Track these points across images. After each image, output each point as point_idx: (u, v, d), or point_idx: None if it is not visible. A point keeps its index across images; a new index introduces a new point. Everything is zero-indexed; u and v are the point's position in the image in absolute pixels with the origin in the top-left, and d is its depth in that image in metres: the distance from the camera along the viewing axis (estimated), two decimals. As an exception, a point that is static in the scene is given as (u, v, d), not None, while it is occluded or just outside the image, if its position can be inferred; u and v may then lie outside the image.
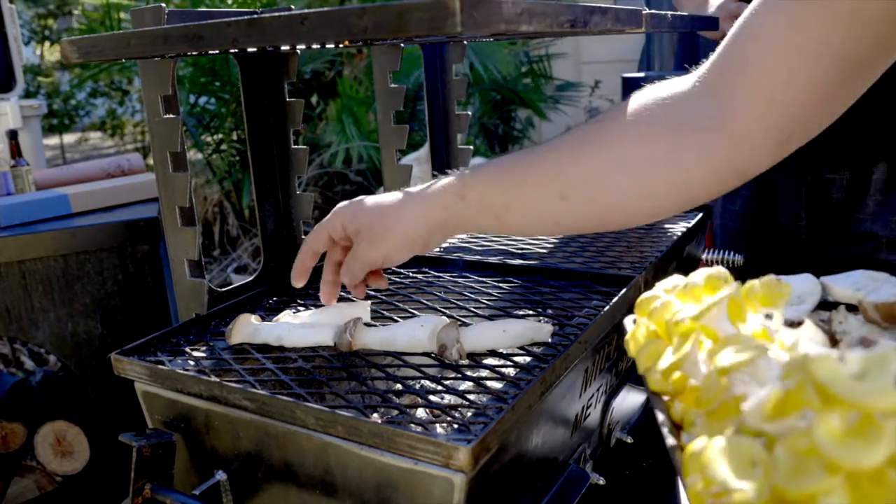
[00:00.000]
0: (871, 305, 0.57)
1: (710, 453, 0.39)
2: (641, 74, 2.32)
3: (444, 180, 0.83)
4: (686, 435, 0.47)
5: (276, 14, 0.65)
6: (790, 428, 0.39)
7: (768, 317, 0.54)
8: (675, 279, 0.58)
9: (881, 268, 0.65)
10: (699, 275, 0.55)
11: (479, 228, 0.84)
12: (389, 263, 0.86)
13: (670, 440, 0.47)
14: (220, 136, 3.82)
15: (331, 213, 0.89)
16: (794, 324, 0.60)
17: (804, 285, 0.64)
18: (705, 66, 0.71)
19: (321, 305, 0.93)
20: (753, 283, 0.55)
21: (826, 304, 0.63)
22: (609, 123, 0.75)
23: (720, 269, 0.56)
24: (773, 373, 0.42)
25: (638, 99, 0.75)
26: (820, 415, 0.35)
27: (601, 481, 0.89)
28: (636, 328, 0.58)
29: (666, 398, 0.52)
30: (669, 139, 0.71)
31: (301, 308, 1.02)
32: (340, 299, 0.93)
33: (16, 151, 1.87)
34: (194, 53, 0.81)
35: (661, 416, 0.51)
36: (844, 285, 0.63)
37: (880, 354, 0.37)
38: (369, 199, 0.87)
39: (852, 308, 0.62)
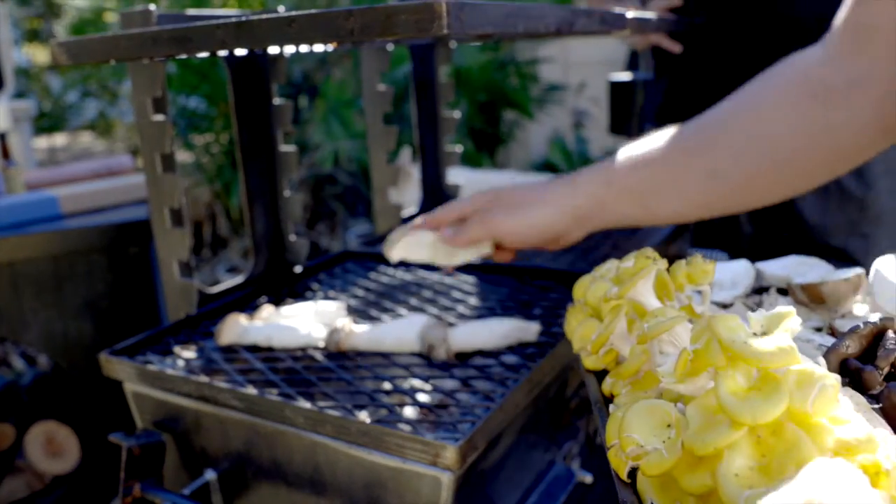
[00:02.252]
0: (798, 287, 0.59)
1: (628, 416, 0.41)
2: (628, 76, 2.33)
3: (587, 170, 0.81)
4: (613, 407, 0.48)
5: (264, 16, 0.66)
6: (700, 388, 0.41)
7: (696, 293, 0.56)
8: (610, 263, 0.60)
9: (825, 253, 0.67)
10: (630, 258, 0.57)
11: (624, 219, 0.81)
12: (515, 240, 0.84)
13: (601, 414, 0.50)
14: (210, 137, 3.81)
15: (469, 196, 0.89)
16: (725, 306, 0.62)
17: (738, 269, 0.66)
18: (830, 35, 0.72)
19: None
20: (679, 262, 0.57)
21: (760, 289, 0.65)
22: (751, 97, 0.75)
23: (648, 249, 0.58)
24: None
25: (772, 74, 0.75)
26: (723, 373, 0.37)
27: (588, 479, 0.90)
28: (571, 310, 0.61)
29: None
30: (816, 103, 0.71)
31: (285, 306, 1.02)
32: (324, 300, 0.94)
33: (6, 153, 1.86)
34: (183, 56, 0.81)
35: (593, 393, 0.53)
36: (776, 269, 0.65)
37: (778, 313, 0.39)
38: (506, 186, 0.87)
39: (783, 291, 0.63)
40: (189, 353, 0.88)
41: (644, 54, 1.94)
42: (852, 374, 0.44)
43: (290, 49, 1.06)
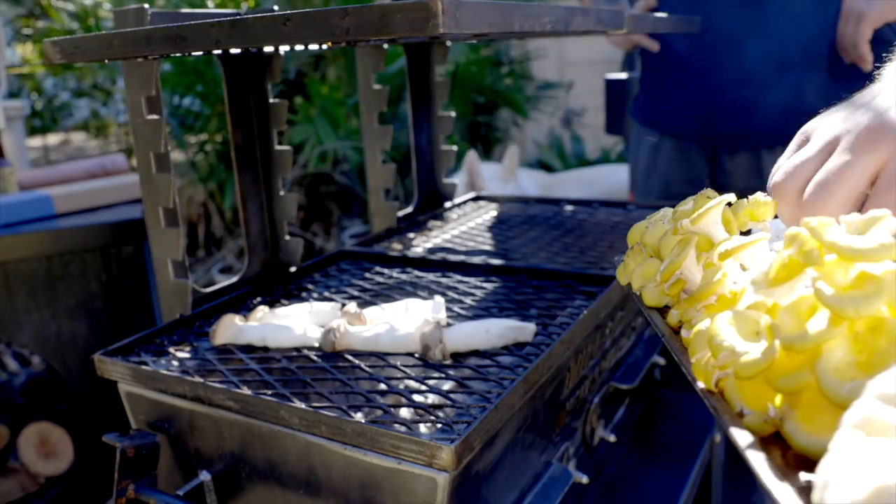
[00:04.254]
0: None
1: (716, 325, 0.41)
2: (624, 75, 2.33)
3: None
4: (686, 331, 0.49)
5: (259, 15, 0.65)
6: (792, 291, 0.41)
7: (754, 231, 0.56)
8: (664, 210, 0.60)
9: None
10: (687, 201, 0.57)
11: None
12: None
13: (670, 344, 0.49)
14: (205, 136, 3.80)
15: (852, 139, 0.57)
16: None
17: (779, 226, 0.65)
18: None
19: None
20: (740, 200, 0.57)
21: None
22: None
23: (708, 190, 0.57)
24: (771, 256, 0.44)
25: None
26: (822, 271, 0.38)
27: (584, 479, 0.90)
28: (629, 253, 0.61)
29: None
30: None
31: (280, 306, 1.02)
32: (319, 300, 0.93)
33: (-2, 152, 1.86)
34: (177, 54, 0.81)
35: (659, 326, 0.53)
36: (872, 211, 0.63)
37: (872, 216, 0.39)
38: None
39: None
40: (183, 354, 0.87)
41: (634, 54, 1.94)
42: None
43: (285, 48, 1.06)
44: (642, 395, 1.26)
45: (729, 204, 0.56)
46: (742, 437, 0.36)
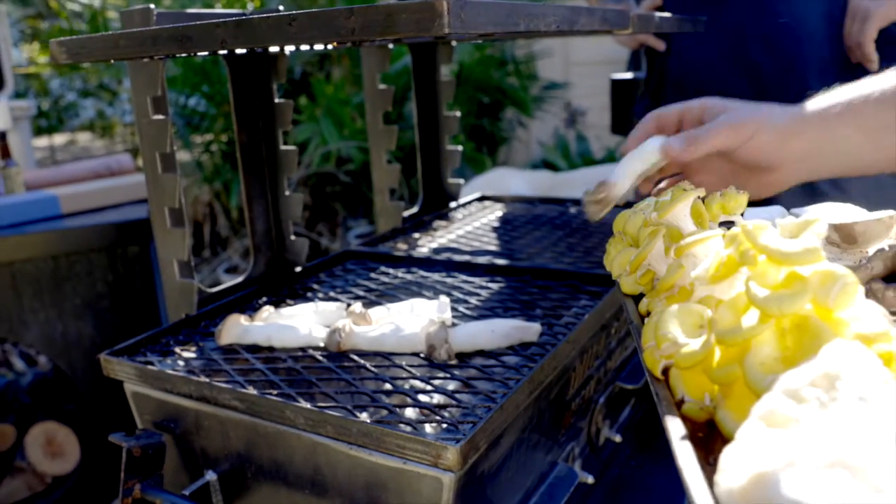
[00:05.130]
0: (832, 227, 0.61)
1: (663, 318, 0.45)
2: (630, 75, 2.33)
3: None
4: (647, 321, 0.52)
5: (265, 15, 0.65)
6: (731, 292, 0.44)
7: (728, 224, 0.59)
8: (649, 199, 0.64)
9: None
10: (667, 192, 0.60)
11: (845, 151, 0.79)
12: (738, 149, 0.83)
13: (637, 334, 0.52)
14: (210, 136, 3.81)
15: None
16: None
17: (773, 213, 0.66)
18: None
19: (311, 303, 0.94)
20: (714, 193, 0.60)
21: None
22: None
23: (685, 182, 0.60)
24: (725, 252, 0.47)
25: None
26: (754, 271, 0.41)
27: (590, 480, 0.90)
28: (611, 241, 0.65)
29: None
30: None
31: (285, 306, 1.02)
32: (324, 300, 0.93)
33: (5, 152, 1.86)
34: (183, 55, 0.81)
35: (630, 314, 0.57)
36: (810, 214, 0.65)
37: (805, 220, 0.43)
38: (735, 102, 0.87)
39: None
40: (189, 354, 0.88)
41: (640, 53, 1.94)
42: (875, 294, 0.46)
43: (290, 48, 1.06)
44: (647, 396, 1.26)
45: (703, 198, 0.59)
46: (674, 426, 0.39)
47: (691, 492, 0.33)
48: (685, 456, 0.36)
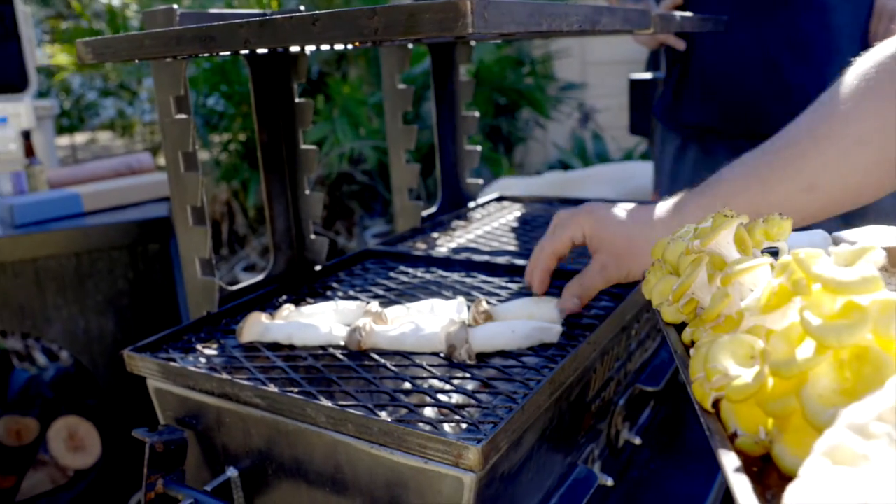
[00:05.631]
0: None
1: (713, 350, 0.43)
2: (649, 75, 2.32)
3: (685, 198, 0.83)
4: (695, 350, 0.50)
5: (288, 15, 0.66)
6: (783, 322, 0.43)
7: (772, 252, 0.58)
8: (688, 227, 0.63)
9: None
10: (707, 218, 0.59)
11: None
12: (629, 280, 0.89)
13: (682, 363, 0.51)
14: (228, 135, 3.84)
15: (565, 219, 0.93)
16: None
17: (815, 239, 0.66)
18: None
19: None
20: (757, 220, 0.59)
21: None
22: (838, 103, 0.75)
23: (726, 210, 0.59)
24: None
25: (856, 72, 0.74)
26: (809, 301, 0.40)
27: (609, 482, 0.90)
28: (651, 271, 0.63)
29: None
30: None
31: (306, 304, 1.03)
32: (344, 299, 0.94)
33: (30, 151, 1.88)
34: (206, 54, 0.81)
35: (673, 343, 0.55)
36: (853, 237, 0.64)
37: (861, 248, 0.42)
38: (609, 214, 0.90)
39: None
40: (211, 351, 0.88)
41: (659, 53, 1.93)
42: None
43: (311, 47, 1.07)
44: (667, 398, 1.25)
45: (745, 224, 0.58)
46: (729, 461, 0.38)
47: None
48: (743, 491, 0.34)
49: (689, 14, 1.19)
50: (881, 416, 0.31)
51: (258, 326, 0.89)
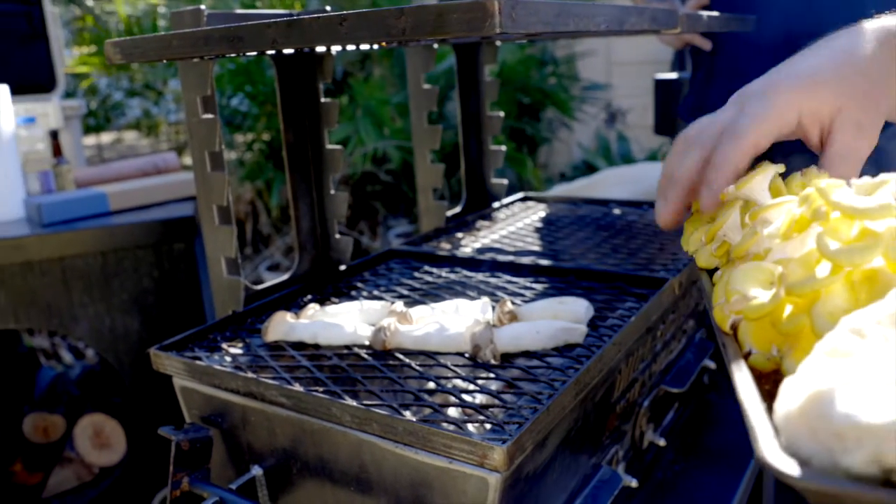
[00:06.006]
0: None
1: (734, 276, 0.46)
2: (674, 75, 2.30)
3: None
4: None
5: (315, 15, 0.66)
6: (804, 245, 0.45)
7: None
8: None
9: None
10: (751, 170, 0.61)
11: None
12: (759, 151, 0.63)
13: (709, 295, 0.54)
14: (252, 135, 3.86)
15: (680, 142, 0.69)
16: None
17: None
18: None
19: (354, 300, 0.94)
20: (795, 173, 0.60)
21: None
22: None
23: (765, 162, 0.60)
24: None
25: None
26: (827, 226, 0.42)
27: (634, 483, 0.89)
28: (689, 221, 0.65)
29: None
30: None
31: (330, 304, 1.03)
32: (368, 299, 0.94)
33: (57, 150, 1.90)
34: (233, 55, 0.82)
35: (704, 284, 0.58)
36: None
37: (880, 180, 0.44)
38: (810, 67, 0.66)
39: None
40: (236, 350, 0.89)
41: (685, 53, 1.91)
42: None
43: (337, 47, 1.07)
44: (691, 400, 1.24)
45: (783, 176, 0.60)
46: (739, 368, 0.40)
47: (751, 420, 0.33)
48: (746, 388, 0.36)
49: (715, 13, 1.18)
50: (879, 321, 0.33)
51: (283, 326, 0.89)
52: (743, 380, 0.38)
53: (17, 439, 1.76)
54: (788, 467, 0.29)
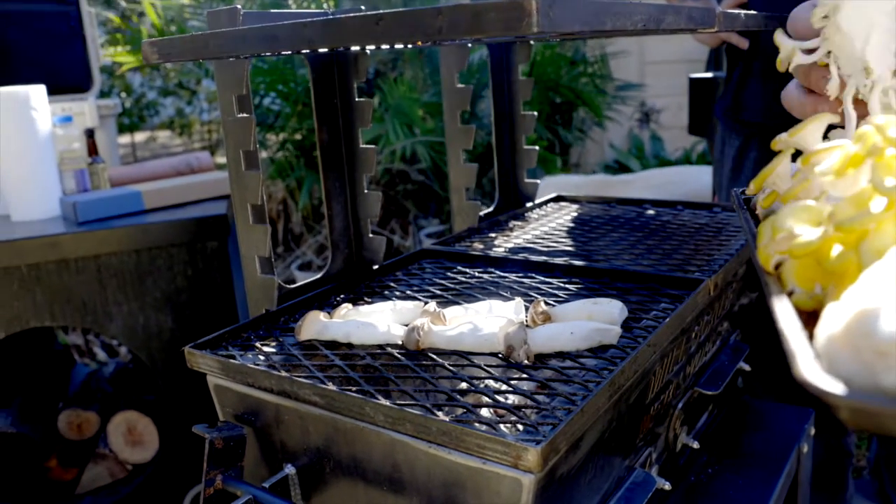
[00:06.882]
0: None
1: (781, 214, 0.44)
2: (709, 75, 2.28)
3: None
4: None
5: (352, 15, 0.66)
6: (856, 184, 0.44)
7: None
8: None
9: None
10: None
11: None
12: None
13: (753, 235, 0.51)
14: (284, 135, 3.88)
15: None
16: None
17: None
18: None
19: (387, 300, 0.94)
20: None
21: None
22: None
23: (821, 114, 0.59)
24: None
25: None
26: (881, 162, 0.40)
27: (667, 486, 0.88)
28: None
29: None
30: None
31: (363, 303, 1.03)
32: (401, 298, 0.94)
33: (93, 149, 1.93)
34: (268, 54, 0.82)
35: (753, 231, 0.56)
36: None
37: None
38: None
39: None
40: (269, 348, 0.89)
41: (720, 52, 1.89)
42: None
43: (372, 47, 1.07)
44: (726, 403, 1.23)
45: (833, 126, 0.57)
46: (780, 301, 0.39)
47: (790, 343, 0.32)
48: (787, 316, 0.35)
49: (752, 12, 1.16)
50: None
51: (316, 325, 0.89)
52: (783, 309, 0.37)
53: (52, 435, 1.79)
54: (830, 385, 0.28)
